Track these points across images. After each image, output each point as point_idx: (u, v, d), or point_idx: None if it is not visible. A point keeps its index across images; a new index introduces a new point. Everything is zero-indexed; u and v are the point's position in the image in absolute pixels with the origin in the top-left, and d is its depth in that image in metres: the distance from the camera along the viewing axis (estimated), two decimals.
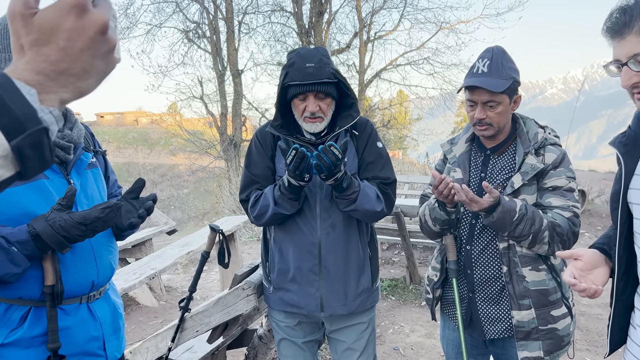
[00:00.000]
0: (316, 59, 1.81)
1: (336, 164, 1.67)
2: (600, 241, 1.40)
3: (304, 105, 1.84)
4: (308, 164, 1.68)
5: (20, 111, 0.46)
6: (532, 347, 1.76)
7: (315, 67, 1.79)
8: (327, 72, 1.81)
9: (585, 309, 4.33)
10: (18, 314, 1.34)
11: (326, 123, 1.89)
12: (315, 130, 1.89)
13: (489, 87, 1.67)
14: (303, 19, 15.09)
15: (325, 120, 1.88)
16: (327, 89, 1.82)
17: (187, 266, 6.32)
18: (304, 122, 1.87)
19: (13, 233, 1.24)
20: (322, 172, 1.69)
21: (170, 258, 4.07)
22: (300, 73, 1.79)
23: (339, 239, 1.91)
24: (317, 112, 1.84)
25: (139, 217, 1.52)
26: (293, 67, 1.81)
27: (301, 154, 1.65)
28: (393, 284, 4.98)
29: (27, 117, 0.46)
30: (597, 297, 1.27)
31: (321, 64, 1.81)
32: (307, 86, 1.80)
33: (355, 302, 1.96)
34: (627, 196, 1.26)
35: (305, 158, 1.66)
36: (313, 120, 1.86)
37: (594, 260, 1.32)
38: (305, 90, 1.81)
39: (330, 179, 1.72)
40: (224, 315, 2.29)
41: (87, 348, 1.45)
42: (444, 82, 15.85)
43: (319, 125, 1.87)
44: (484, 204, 1.66)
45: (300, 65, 1.80)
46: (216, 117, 16.03)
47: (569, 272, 1.30)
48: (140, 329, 4.24)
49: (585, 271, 1.30)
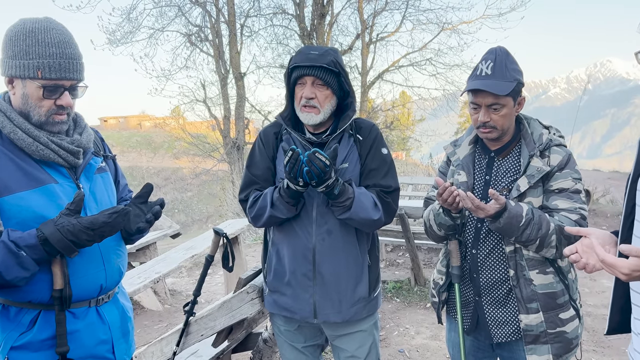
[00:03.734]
0: (322, 50, 1.83)
1: (325, 171, 1.65)
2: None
3: (302, 92, 1.84)
4: (300, 168, 1.66)
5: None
6: (541, 350, 1.75)
7: (319, 54, 1.81)
8: (329, 59, 1.81)
9: (592, 309, 4.32)
10: (28, 317, 1.36)
11: (323, 116, 1.85)
12: (310, 122, 1.85)
13: (493, 90, 1.66)
14: (305, 21, 15.11)
15: (321, 113, 1.84)
16: (326, 76, 1.81)
17: (192, 270, 6.33)
18: (301, 111, 1.86)
19: (22, 237, 1.25)
20: (313, 178, 1.67)
21: (175, 262, 4.07)
22: (303, 57, 1.82)
23: (335, 246, 1.88)
24: (312, 101, 1.82)
25: (146, 222, 1.52)
26: (298, 53, 1.86)
27: (296, 155, 1.65)
28: (398, 286, 4.97)
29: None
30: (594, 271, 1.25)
31: (325, 53, 1.82)
32: (306, 69, 1.80)
33: (350, 311, 1.92)
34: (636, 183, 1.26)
35: (298, 160, 1.65)
36: (308, 110, 1.83)
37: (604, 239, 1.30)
38: (303, 74, 1.81)
39: (320, 186, 1.71)
40: (229, 319, 2.29)
41: (96, 351, 1.46)
42: (446, 83, 15.82)
43: (314, 117, 1.84)
44: (490, 211, 1.64)
45: (305, 51, 1.85)
46: (219, 120, 16.04)
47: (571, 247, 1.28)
48: (145, 333, 4.25)
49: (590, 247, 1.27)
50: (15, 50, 1.33)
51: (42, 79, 1.33)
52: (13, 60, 1.33)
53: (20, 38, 1.32)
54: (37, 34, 1.33)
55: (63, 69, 1.34)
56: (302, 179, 1.69)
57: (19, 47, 1.32)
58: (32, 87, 1.34)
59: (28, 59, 1.32)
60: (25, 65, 1.32)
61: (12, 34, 1.34)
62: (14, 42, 1.33)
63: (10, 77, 1.36)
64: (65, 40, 1.36)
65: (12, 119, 1.36)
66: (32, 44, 1.32)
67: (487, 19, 15.19)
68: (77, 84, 1.41)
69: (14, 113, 1.37)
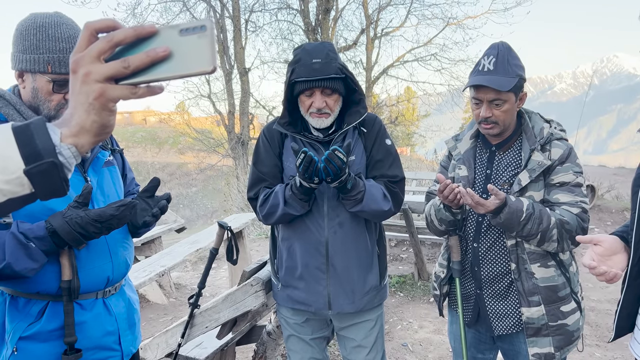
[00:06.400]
0: (322, 55, 1.79)
1: (342, 168, 1.67)
2: (621, 229, 1.42)
3: (310, 101, 1.83)
4: (316, 168, 1.67)
5: (42, 145, 0.57)
6: (543, 343, 1.76)
7: (322, 62, 1.78)
8: (334, 67, 1.79)
9: (595, 304, 4.32)
10: (36, 308, 1.38)
11: (333, 119, 1.88)
12: (322, 126, 1.87)
13: (495, 85, 1.67)
14: (310, 16, 15.08)
15: (332, 116, 1.87)
16: (334, 84, 1.81)
17: (196, 263, 6.37)
18: (311, 117, 1.86)
19: (31, 229, 1.28)
20: (329, 175, 1.69)
21: (180, 255, 4.11)
22: (307, 69, 1.78)
23: (347, 238, 1.91)
24: (324, 109, 1.83)
25: (153, 216, 1.54)
26: (299, 64, 1.80)
27: (309, 158, 1.65)
28: (401, 281, 4.99)
29: (46, 150, 0.57)
30: (615, 281, 1.27)
31: (328, 60, 1.79)
32: (314, 82, 1.78)
33: (363, 300, 1.96)
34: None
35: (312, 162, 1.66)
36: (319, 116, 1.85)
37: (614, 246, 1.32)
38: (311, 87, 1.79)
39: (335, 182, 1.73)
40: (233, 312, 2.32)
41: (103, 342, 1.48)
42: (451, 78, 15.80)
43: (325, 121, 1.86)
44: (490, 207, 1.65)
45: (306, 61, 1.79)
46: (224, 115, 16.07)
47: (588, 256, 1.31)
48: (151, 326, 4.29)
49: (604, 256, 1.31)
50: (25, 44, 1.34)
51: (52, 73, 1.35)
52: (23, 55, 1.35)
53: (30, 32, 1.34)
54: (48, 29, 1.34)
55: None
56: (317, 177, 1.70)
57: (29, 42, 1.34)
58: (42, 81, 1.36)
59: (38, 54, 1.34)
60: (35, 60, 1.34)
61: (23, 29, 1.35)
62: (25, 37, 1.34)
63: (20, 71, 1.38)
64: (75, 35, 1.37)
65: (22, 112, 1.38)
66: (43, 39, 1.33)
67: (492, 13, 15.14)
68: None
69: (24, 106, 1.39)
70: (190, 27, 0.59)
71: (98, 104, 0.59)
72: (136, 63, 0.58)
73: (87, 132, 0.60)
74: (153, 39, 0.60)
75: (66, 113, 0.61)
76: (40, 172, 0.57)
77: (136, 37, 0.59)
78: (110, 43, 0.59)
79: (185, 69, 0.59)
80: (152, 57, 0.58)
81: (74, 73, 0.60)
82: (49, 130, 0.58)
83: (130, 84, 0.60)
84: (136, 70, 0.59)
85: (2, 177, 0.56)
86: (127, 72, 0.59)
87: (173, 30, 0.60)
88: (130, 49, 0.60)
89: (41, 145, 0.57)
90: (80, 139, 0.60)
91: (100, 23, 0.61)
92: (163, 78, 0.60)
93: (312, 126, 1.92)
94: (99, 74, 0.59)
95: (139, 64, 0.59)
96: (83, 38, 0.60)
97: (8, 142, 0.57)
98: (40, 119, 0.59)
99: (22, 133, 0.57)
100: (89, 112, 0.60)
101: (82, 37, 0.60)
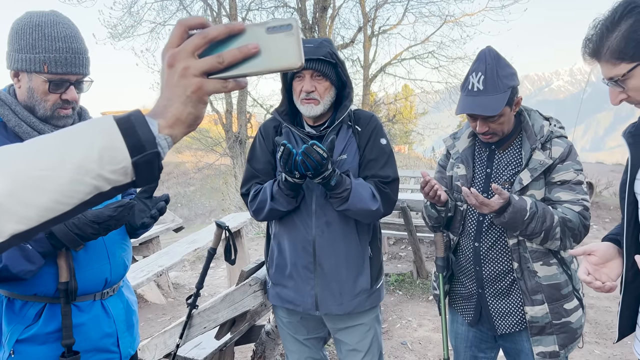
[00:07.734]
0: (316, 42, 1.82)
1: (322, 163, 1.65)
2: (614, 232, 1.41)
3: (300, 86, 1.83)
4: (294, 161, 1.66)
5: (144, 136, 0.60)
6: (547, 341, 1.76)
7: (314, 46, 1.79)
8: (324, 51, 1.79)
9: (594, 301, 4.32)
10: (33, 310, 1.37)
11: (322, 108, 1.85)
12: (311, 114, 1.85)
13: (487, 112, 1.64)
14: (307, 14, 15.04)
15: (321, 104, 1.84)
16: (324, 68, 1.80)
17: (194, 263, 6.36)
18: (301, 104, 1.85)
19: None
20: (309, 170, 1.67)
21: (178, 255, 4.10)
22: None
23: (335, 238, 1.88)
24: (313, 93, 1.81)
25: (151, 217, 1.53)
26: None
27: (287, 150, 1.65)
28: (400, 279, 4.99)
29: (148, 141, 0.60)
30: (612, 291, 1.27)
31: (320, 45, 1.80)
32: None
33: (352, 303, 1.92)
34: (633, 186, 1.26)
35: (291, 155, 1.65)
36: (308, 101, 1.83)
37: (608, 253, 1.32)
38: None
39: (317, 177, 1.71)
40: (232, 312, 2.31)
41: (101, 344, 1.47)
42: (449, 76, 15.76)
43: (314, 108, 1.83)
44: (495, 207, 1.63)
45: None
46: (221, 114, 16.03)
47: (583, 269, 1.30)
48: (149, 326, 4.28)
49: (599, 265, 1.31)
50: (21, 43, 1.33)
51: (48, 73, 1.33)
52: (19, 54, 1.33)
53: (26, 32, 1.32)
54: (44, 28, 1.32)
55: (69, 64, 1.34)
56: (297, 171, 1.69)
57: (25, 41, 1.32)
58: (38, 81, 1.34)
59: (34, 53, 1.32)
60: (31, 59, 1.32)
61: (19, 27, 1.33)
62: (20, 36, 1.33)
63: (16, 71, 1.36)
64: (71, 35, 1.36)
65: (17, 112, 1.36)
66: (39, 38, 1.32)
67: (489, 11, 15.12)
68: (83, 79, 1.41)
69: (19, 107, 1.37)
70: (277, 25, 0.63)
71: (195, 97, 0.63)
72: (229, 59, 0.62)
73: (182, 123, 0.64)
74: (241, 36, 0.64)
75: (158, 105, 0.64)
76: (146, 162, 0.60)
77: (228, 34, 0.63)
78: (205, 39, 0.63)
79: (273, 64, 0.63)
80: (244, 53, 0.62)
81: (170, 67, 0.63)
82: (148, 122, 0.61)
83: (221, 77, 0.64)
84: (228, 66, 0.63)
85: (109, 167, 0.58)
86: (221, 67, 0.63)
87: (260, 28, 0.63)
88: (218, 45, 0.64)
89: (143, 137, 0.60)
90: (175, 130, 0.64)
91: (192, 20, 0.65)
92: (251, 73, 0.64)
93: (303, 115, 1.90)
94: (196, 68, 0.62)
95: (232, 60, 0.62)
96: (175, 34, 0.64)
97: (114, 133, 0.59)
98: (138, 110, 0.63)
99: (125, 125, 0.60)
100: (186, 104, 0.63)
101: (174, 33, 0.64)
